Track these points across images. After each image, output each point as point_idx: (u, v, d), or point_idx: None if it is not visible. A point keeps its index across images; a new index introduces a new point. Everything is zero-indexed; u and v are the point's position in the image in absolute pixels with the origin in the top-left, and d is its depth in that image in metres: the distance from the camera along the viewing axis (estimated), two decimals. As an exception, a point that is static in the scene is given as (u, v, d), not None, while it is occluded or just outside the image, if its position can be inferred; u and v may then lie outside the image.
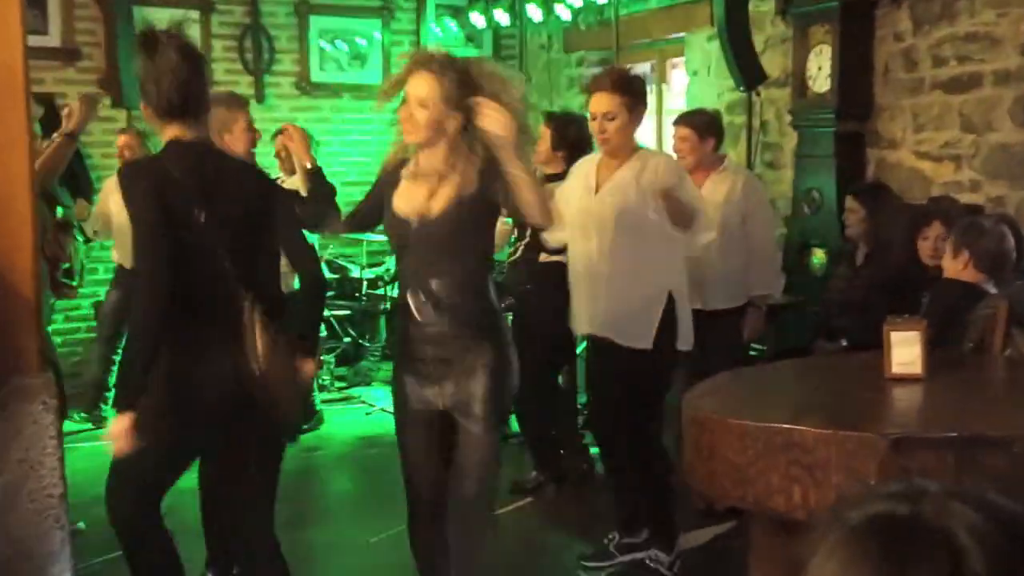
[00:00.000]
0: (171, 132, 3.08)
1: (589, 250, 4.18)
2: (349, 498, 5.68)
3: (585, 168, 4.32)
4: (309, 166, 3.70)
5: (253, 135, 4.19)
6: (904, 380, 3.17)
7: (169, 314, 2.96)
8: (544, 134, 5.31)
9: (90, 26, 7.59)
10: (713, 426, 2.94)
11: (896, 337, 3.19)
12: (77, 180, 6.61)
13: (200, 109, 3.10)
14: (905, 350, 3.19)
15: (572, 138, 5.27)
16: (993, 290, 3.97)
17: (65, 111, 4.38)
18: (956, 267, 4.05)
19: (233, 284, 3.02)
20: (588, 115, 4.22)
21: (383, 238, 7.61)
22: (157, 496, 3.22)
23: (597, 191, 4.17)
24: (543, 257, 5.05)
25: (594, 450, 5.34)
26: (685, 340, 4.22)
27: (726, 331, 4.85)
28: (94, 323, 7.23)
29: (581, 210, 4.18)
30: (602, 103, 4.08)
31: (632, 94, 4.09)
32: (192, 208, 2.97)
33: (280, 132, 6.33)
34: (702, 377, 3.56)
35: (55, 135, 4.38)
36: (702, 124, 4.92)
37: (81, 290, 7.01)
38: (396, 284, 6.41)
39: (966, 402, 3.23)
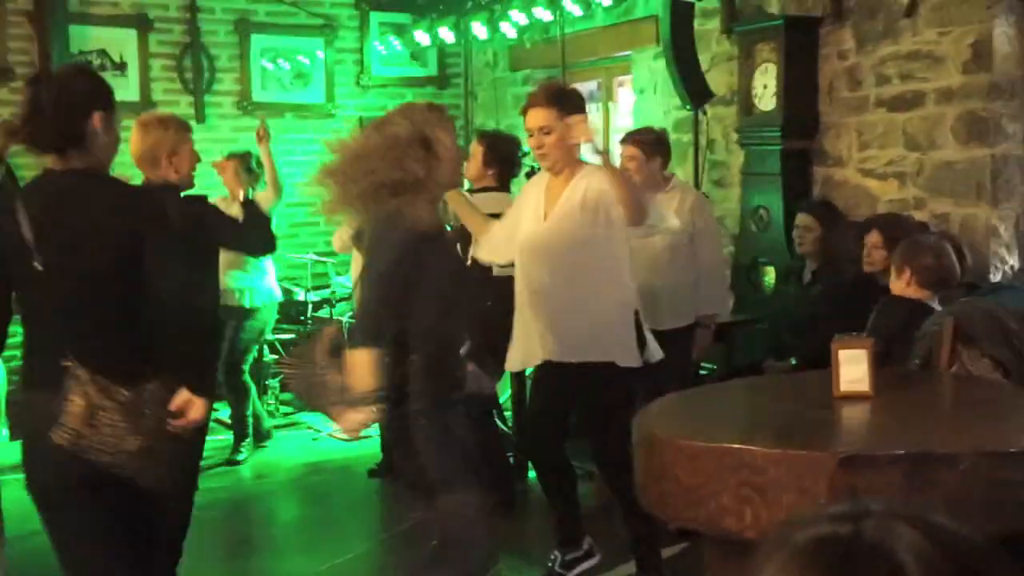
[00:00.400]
0: (49, 162, 2.93)
1: (541, 276, 4.11)
2: (296, 526, 5.57)
3: (535, 191, 4.25)
4: (241, 198, 3.85)
5: (195, 157, 4.16)
6: (852, 398, 3.16)
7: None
8: (476, 151, 5.31)
9: (23, 45, 7.42)
10: (663, 447, 2.91)
11: (844, 355, 3.18)
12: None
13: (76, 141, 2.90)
14: (853, 368, 3.19)
15: (502, 155, 5.29)
16: (938, 307, 3.99)
17: None
18: (900, 285, 4.10)
19: (67, 337, 2.83)
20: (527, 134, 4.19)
21: (330, 260, 7.56)
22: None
23: (546, 217, 4.12)
24: (497, 271, 4.98)
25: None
26: (654, 351, 4.21)
27: (676, 351, 4.81)
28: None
29: (530, 237, 4.13)
30: (537, 117, 4.03)
31: (567, 107, 4.01)
32: (31, 255, 2.76)
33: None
34: (653, 397, 3.53)
35: None
36: (649, 142, 4.90)
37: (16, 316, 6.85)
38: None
39: (914, 419, 3.23)
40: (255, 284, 6.29)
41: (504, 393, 5.91)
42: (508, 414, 5.88)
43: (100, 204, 2.90)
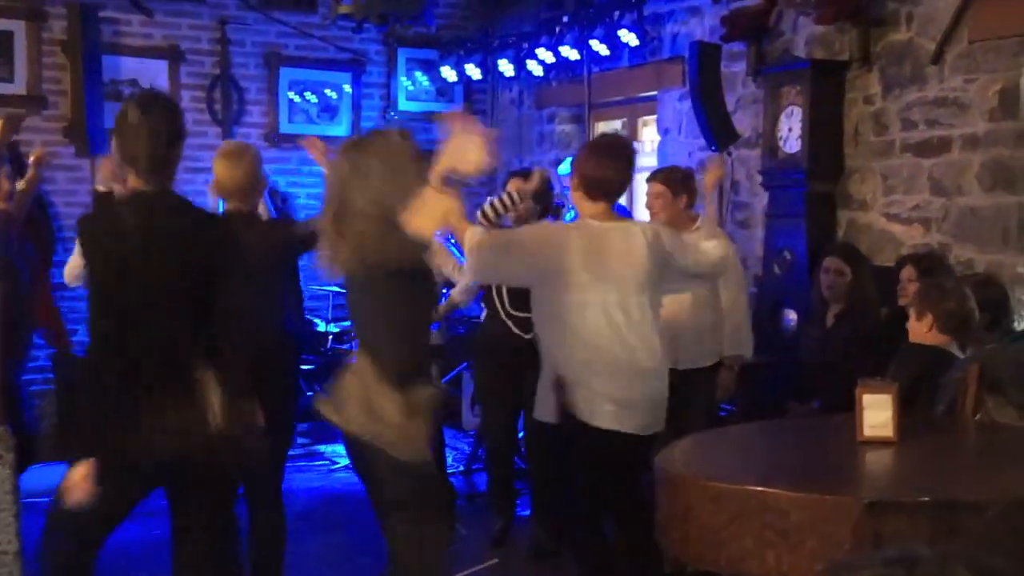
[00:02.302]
0: (132, 182, 3.14)
1: None
2: (314, 558, 5.55)
3: None
4: None
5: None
6: (876, 443, 3.15)
7: (119, 367, 3.02)
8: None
9: (57, 74, 7.53)
10: (687, 487, 2.91)
11: (868, 400, 3.18)
12: (38, 226, 6.42)
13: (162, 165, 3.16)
14: (877, 413, 3.18)
15: (535, 193, 5.27)
16: (958, 352, 3.94)
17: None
18: (920, 329, 4.00)
19: (180, 339, 3.04)
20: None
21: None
22: (92, 552, 3.22)
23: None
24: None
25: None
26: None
27: (699, 391, 4.81)
28: (52, 375, 7.10)
29: None
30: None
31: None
32: (137, 262, 3.02)
33: None
34: (676, 437, 3.53)
35: None
36: (676, 180, 4.91)
37: (38, 341, 6.90)
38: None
39: (939, 466, 3.22)
40: None
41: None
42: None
43: (189, 216, 3.17)
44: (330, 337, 7.48)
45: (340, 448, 7.05)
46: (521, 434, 5.74)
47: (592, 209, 3.97)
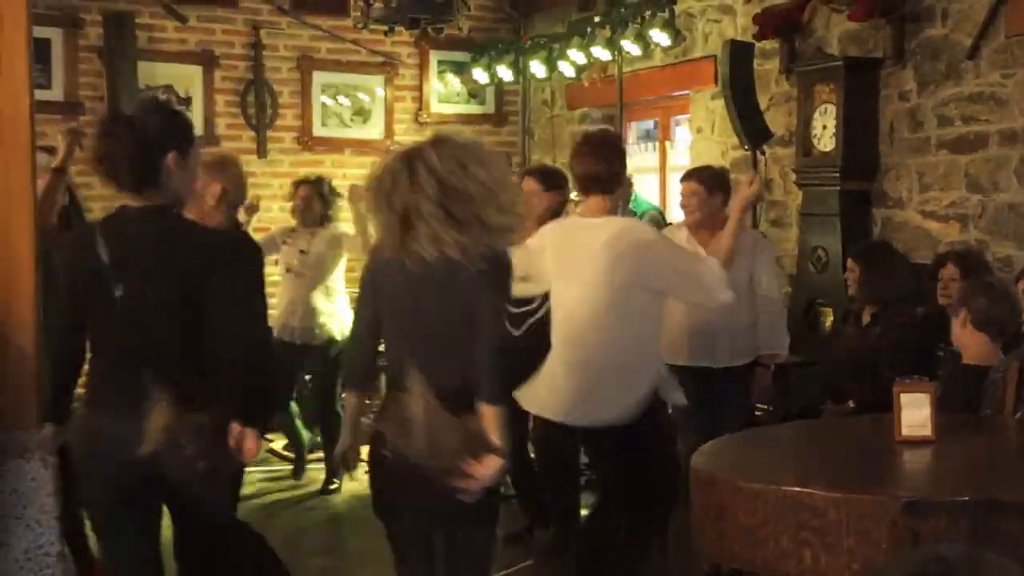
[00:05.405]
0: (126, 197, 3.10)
1: None
2: (346, 558, 5.59)
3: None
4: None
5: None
6: (914, 442, 3.13)
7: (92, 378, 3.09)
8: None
9: (93, 80, 7.62)
10: (722, 487, 2.90)
11: (906, 399, 3.16)
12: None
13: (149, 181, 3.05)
14: (915, 412, 3.15)
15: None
16: (999, 353, 3.86)
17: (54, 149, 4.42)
18: (957, 326, 3.91)
19: (143, 361, 2.99)
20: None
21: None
22: None
23: None
24: None
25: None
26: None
27: (734, 389, 4.80)
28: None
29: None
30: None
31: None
32: (110, 284, 2.98)
33: (299, 184, 6.50)
34: (711, 436, 3.52)
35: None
36: (711, 179, 4.92)
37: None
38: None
39: (978, 465, 3.19)
40: (344, 313, 6.20)
41: None
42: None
43: (172, 240, 3.06)
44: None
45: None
46: None
47: (588, 204, 4.10)
